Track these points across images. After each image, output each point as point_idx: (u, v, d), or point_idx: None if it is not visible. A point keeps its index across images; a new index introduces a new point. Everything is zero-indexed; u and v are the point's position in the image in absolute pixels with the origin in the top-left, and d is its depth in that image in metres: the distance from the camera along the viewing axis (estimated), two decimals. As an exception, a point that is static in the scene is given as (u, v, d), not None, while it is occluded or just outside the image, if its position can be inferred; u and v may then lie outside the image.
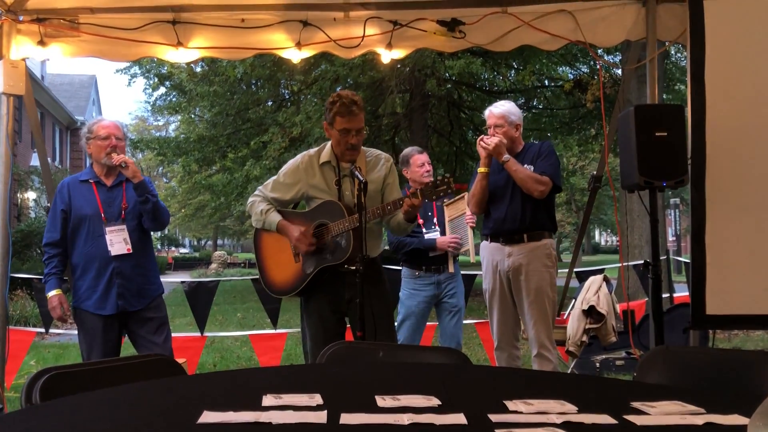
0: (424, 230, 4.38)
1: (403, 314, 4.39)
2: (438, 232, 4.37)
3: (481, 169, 3.81)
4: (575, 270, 5.20)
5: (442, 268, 4.34)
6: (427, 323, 4.70)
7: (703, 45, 3.58)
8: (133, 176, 3.47)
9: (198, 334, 5.73)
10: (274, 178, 3.38)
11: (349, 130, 3.14)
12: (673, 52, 12.62)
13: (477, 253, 4.18)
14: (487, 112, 3.94)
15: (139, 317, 3.57)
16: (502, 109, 3.87)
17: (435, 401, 1.44)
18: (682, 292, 7.02)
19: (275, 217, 3.27)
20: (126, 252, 3.48)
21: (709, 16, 3.58)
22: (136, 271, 3.55)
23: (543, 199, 3.74)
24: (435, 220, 4.43)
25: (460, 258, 4.51)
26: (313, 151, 3.33)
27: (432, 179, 4.30)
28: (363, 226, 2.87)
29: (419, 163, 4.41)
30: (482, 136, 3.85)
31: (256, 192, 3.42)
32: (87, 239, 3.49)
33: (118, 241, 3.47)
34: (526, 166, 3.76)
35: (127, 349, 4.08)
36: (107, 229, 3.47)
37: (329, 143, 3.28)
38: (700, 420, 1.31)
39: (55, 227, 3.51)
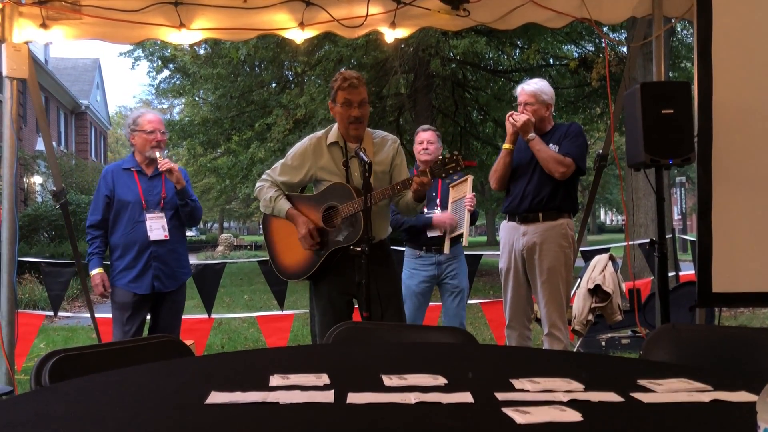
0: (426, 210, 4.35)
1: (404, 294, 4.40)
2: (438, 210, 4.36)
3: (506, 146, 3.80)
4: (581, 249, 5.19)
5: (442, 248, 4.34)
6: (432, 304, 4.71)
7: (710, 22, 3.54)
8: (177, 182, 3.75)
9: (205, 316, 5.76)
10: (282, 161, 3.35)
11: (351, 101, 3.14)
12: (679, 29, 12.51)
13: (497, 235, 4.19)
14: (519, 89, 3.90)
15: (169, 299, 3.85)
16: (534, 87, 3.82)
17: (441, 380, 1.44)
18: (687, 271, 7.01)
19: (284, 205, 3.26)
20: (164, 238, 3.75)
21: (716, -8, 3.54)
22: (172, 256, 3.82)
23: (564, 180, 3.71)
24: (438, 200, 4.43)
25: (470, 239, 4.50)
26: (320, 133, 3.32)
27: (437, 156, 4.32)
28: (368, 207, 2.86)
29: (419, 140, 4.48)
30: (512, 112, 3.81)
31: (264, 176, 3.39)
32: (128, 224, 3.75)
33: (156, 227, 3.74)
34: (551, 146, 3.73)
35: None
36: (147, 215, 3.74)
37: (336, 124, 3.27)
38: (707, 397, 1.31)
39: (98, 210, 3.79)
